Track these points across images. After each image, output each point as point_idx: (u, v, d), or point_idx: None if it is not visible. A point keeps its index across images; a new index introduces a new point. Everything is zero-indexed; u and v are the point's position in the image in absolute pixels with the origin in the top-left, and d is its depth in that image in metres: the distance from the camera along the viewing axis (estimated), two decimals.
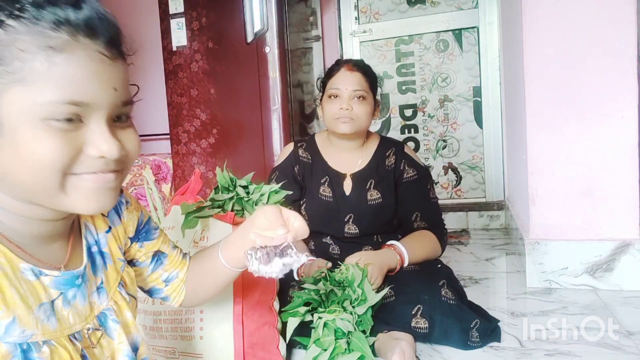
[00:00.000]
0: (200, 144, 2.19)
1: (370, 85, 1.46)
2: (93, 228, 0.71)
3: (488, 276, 1.82)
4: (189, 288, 0.87)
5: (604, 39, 1.55)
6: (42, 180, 0.53)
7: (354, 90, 1.42)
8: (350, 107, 1.41)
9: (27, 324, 0.54)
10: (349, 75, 1.44)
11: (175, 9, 2.19)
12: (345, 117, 1.41)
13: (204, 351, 1.09)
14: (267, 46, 2.11)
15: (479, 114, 2.80)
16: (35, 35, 0.50)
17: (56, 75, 0.51)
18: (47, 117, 0.51)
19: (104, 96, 0.54)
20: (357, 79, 1.43)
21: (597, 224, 1.59)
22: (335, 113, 1.43)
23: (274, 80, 2.12)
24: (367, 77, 1.46)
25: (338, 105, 1.42)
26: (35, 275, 0.57)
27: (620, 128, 1.55)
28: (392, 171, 1.50)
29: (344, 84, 1.43)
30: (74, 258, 0.65)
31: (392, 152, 1.52)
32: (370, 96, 1.46)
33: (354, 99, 1.42)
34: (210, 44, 2.15)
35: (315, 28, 2.90)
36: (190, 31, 2.17)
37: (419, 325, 1.21)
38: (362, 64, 1.50)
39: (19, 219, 0.58)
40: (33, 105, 0.50)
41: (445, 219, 2.71)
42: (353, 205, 1.50)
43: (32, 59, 0.50)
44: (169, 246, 0.86)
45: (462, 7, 2.77)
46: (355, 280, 1.18)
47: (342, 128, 1.43)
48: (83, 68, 0.52)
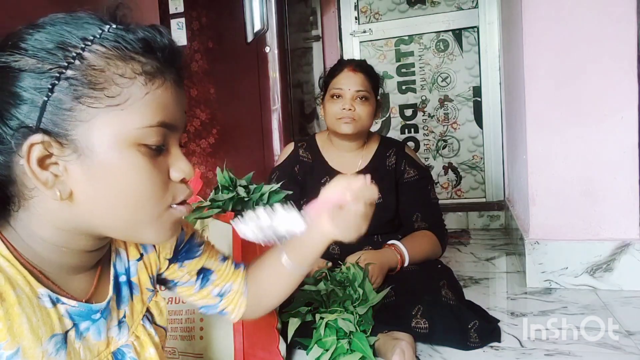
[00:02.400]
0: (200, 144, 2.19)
1: (372, 86, 1.47)
2: (125, 255, 0.66)
3: (488, 276, 1.82)
4: (252, 298, 0.82)
5: (604, 39, 1.55)
6: (143, 208, 0.53)
7: (356, 91, 1.42)
8: (353, 108, 1.41)
9: (31, 357, 0.50)
10: (352, 75, 1.44)
11: (175, 9, 2.19)
12: (348, 118, 1.41)
13: (204, 351, 1.09)
14: (267, 46, 2.11)
15: (479, 114, 2.80)
16: (129, 61, 0.50)
17: (151, 99, 0.51)
18: (140, 141, 0.51)
19: (182, 119, 0.56)
20: (360, 80, 1.44)
21: (597, 224, 1.59)
22: (337, 113, 1.43)
23: (274, 80, 2.12)
24: (370, 77, 1.47)
25: (340, 106, 1.42)
26: (53, 302, 0.53)
27: (620, 128, 1.55)
28: (392, 171, 1.50)
29: (347, 84, 1.43)
30: (100, 289, 0.61)
31: (392, 152, 1.52)
32: (372, 97, 1.47)
33: (356, 99, 1.43)
34: (210, 44, 2.15)
35: (315, 28, 2.90)
36: (190, 31, 2.17)
37: (419, 325, 1.21)
38: (365, 64, 1.50)
39: (56, 249, 0.54)
40: (129, 130, 0.50)
41: (445, 219, 2.72)
42: None
43: (130, 84, 0.50)
44: (216, 260, 0.81)
45: (462, 7, 2.77)
46: (356, 280, 1.18)
47: (344, 128, 1.43)
48: (170, 92, 0.53)
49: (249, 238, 0.66)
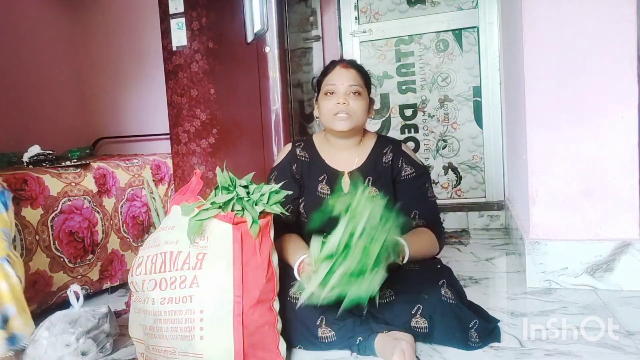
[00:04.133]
0: (200, 144, 2.19)
1: (364, 82, 1.49)
2: None
3: (488, 276, 1.82)
4: None
5: (604, 39, 1.55)
6: None
7: (349, 86, 1.44)
8: (347, 102, 1.43)
9: None
10: (344, 71, 1.46)
11: (175, 9, 2.19)
12: (343, 113, 1.42)
13: (204, 351, 1.09)
14: (267, 46, 2.11)
15: (479, 114, 2.80)
16: None
17: None
18: None
19: None
20: (352, 75, 1.46)
21: (597, 224, 1.59)
22: (332, 109, 1.44)
23: (274, 80, 2.11)
24: (361, 74, 1.49)
25: (335, 101, 1.43)
26: None
27: (620, 128, 1.55)
28: (389, 168, 1.50)
29: (340, 80, 1.45)
30: None
31: (389, 149, 1.52)
32: (365, 92, 1.48)
33: (350, 94, 1.44)
34: (210, 44, 2.15)
35: (315, 28, 2.90)
36: (190, 31, 2.17)
37: (418, 325, 1.21)
38: (355, 62, 1.53)
39: None
40: None
41: (445, 219, 2.75)
42: None
43: None
44: None
45: (462, 7, 2.77)
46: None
47: (339, 125, 1.44)
48: None
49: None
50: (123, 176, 2.09)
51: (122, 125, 3.08)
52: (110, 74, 3.07)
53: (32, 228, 1.61)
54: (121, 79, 3.06)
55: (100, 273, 1.89)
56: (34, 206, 1.63)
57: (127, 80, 3.06)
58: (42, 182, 1.69)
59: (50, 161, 2.02)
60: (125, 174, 2.11)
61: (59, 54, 2.94)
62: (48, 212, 1.68)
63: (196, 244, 1.15)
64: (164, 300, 1.12)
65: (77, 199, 1.81)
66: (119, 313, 1.62)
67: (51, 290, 1.67)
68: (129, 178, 2.12)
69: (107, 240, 1.93)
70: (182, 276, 1.12)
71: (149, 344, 1.17)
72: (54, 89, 2.88)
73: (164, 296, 1.13)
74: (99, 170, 1.98)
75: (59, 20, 2.94)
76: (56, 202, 1.71)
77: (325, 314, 1.26)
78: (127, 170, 2.13)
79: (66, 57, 2.99)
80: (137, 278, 1.18)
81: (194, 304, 1.10)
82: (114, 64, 3.06)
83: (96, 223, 1.88)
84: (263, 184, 1.25)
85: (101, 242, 1.90)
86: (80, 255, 1.79)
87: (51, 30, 2.88)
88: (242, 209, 1.17)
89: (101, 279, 1.90)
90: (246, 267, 1.14)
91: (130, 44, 3.00)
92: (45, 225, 1.66)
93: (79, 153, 2.53)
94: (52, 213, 1.69)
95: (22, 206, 1.59)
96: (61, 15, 2.95)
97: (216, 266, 1.12)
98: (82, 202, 1.83)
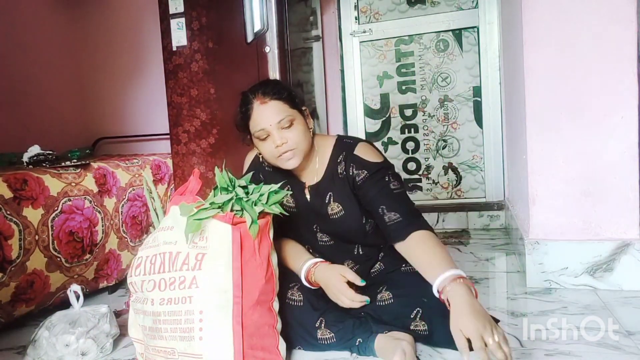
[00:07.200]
0: (200, 144, 2.19)
1: (290, 104, 1.32)
2: None
3: (488, 276, 1.82)
4: None
5: (604, 39, 1.55)
6: None
7: (278, 122, 1.28)
8: (285, 139, 1.28)
9: None
10: (266, 109, 1.29)
11: (175, 9, 2.19)
12: (286, 153, 1.30)
13: (203, 351, 1.09)
14: (267, 46, 2.11)
15: (479, 114, 2.80)
16: None
17: None
18: None
19: None
20: (275, 108, 1.29)
21: (597, 224, 1.59)
22: (273, 152, 1.31)
23: None
24: (283, 98, 1.31)
25: (272, 144, 1.29)
26: None
27: (620, 128, 1.55)
28: (345, 179, 1.38)
29: (266, 120, 1.28)
30: None
31: (342, 157, 1.39)
32: (296, 112, 1.32)
33: (283, 129, 1.29)
34: (210, 44, 2.15)
35: (315, 28, 2.90)
36: (190, 31, 2.16)
37: (418, 328, 1.21)
38: (270, 88, 1.33)
39: None
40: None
41: (445, 219, 2.75)
42: (317, 217, 1.42)
43: None
44: None
45: (462, 7, 2.77)
46: None
47: (288, 165, 1.32)
48: None
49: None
50: (123, 176, 2.09)
51: (122, 126, 3.08)
52: (110, 74, 3.07)
53: (32, 228, 1.61)
54: (121, 79, 3.06)
55: (95, 272, 1.88)
56: (35, 206, 1.63)
57: (127, 80, 3.06)
58: (42, 182, 1.69)
59: (50, 161, 2.02)
60: (125, 174, 2.11)
61: (59, 54, 2.94)
62: (49, 212, 1.68)
63: (195, 244, 1.15)
64: (163, 300, 1.12)
65: (77, 199, 1.81)
66: (118, 313, 1.62)
67: (50, 291, 1.67)
68: (129, 178, 2.12)
69: (106, 240, 1.93)
70: (181, 277, 1.12)
71: (149, 344, 1.17)
72: (54, 89, 2.88)
73: (163, 297, 1.13)
74: (99, 170, 1.98)
75: (59, 21, 2.94)
76: (56, 202, 1.71)
77: (324, 316, 1.26)
78: (127, 170, 2.13)
79: (66, 57, 2.99)
80: (136, 279, 1.18)
81: (194, 305, 1.10)
82: (114, 64, 3.06)
83: (97, 223, 1.88)
84: (262, 184, 1.25)
85: (100, 242, 1.89)
86: (77, 255, 1.78)
87: (51, 31, 2.88)
88: (241, 209, 1.17)
89: (96, 278, 1.89)
90: (245, 268, 1.14)
91: (130, 44, 3.00)
92: (45, 225, 1.66)
93: (79, 153, 2.52)
94: (53, 213, 1.69)
95: (23, 206, 1.59)
96: (61, 16, 2.95)
97: (215, 267, 1.12)
98: (83, 202, 1.83)
